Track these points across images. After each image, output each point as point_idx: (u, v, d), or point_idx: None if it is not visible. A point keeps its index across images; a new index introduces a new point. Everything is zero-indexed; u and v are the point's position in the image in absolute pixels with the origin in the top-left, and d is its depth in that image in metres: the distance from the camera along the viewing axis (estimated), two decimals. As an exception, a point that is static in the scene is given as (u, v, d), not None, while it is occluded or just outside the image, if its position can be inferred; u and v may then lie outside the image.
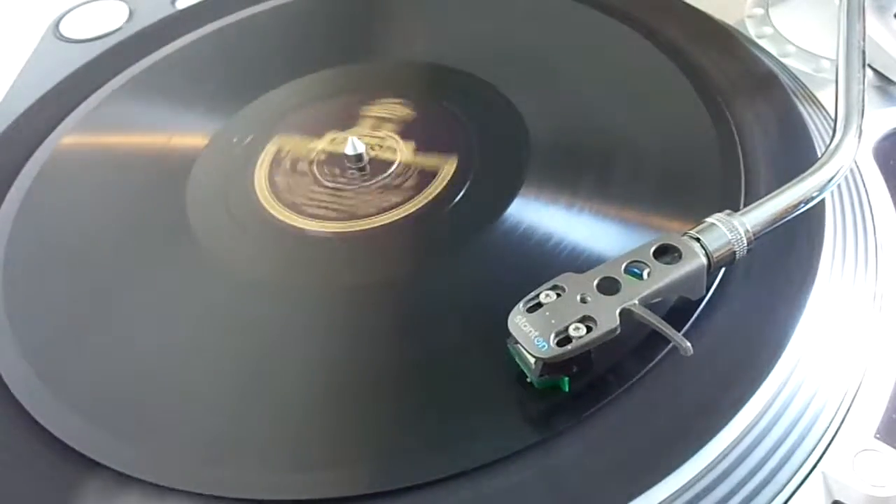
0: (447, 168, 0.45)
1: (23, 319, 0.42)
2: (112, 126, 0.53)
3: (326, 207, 0.45)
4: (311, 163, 0.47)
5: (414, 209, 0.44)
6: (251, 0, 0.60)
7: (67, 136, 0.52)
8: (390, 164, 0.46)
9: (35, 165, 0.50)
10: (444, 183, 0.44)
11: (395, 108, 0.49)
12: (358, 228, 0.43)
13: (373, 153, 0.47)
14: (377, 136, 0.48)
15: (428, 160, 0.46)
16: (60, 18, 0.65)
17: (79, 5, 0.66)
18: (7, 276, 0.44)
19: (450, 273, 0.40)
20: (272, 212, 0.45)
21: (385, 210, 0.44)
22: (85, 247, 0.45)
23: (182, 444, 0.35)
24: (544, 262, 0.39)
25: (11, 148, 0.52)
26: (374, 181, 0.45)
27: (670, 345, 0.33)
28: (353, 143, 0.46)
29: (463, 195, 0.44)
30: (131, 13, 0.64)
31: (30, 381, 0.39)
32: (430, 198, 0.44)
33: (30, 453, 0.36)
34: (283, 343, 0.39)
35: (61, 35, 0.64)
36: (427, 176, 0.45)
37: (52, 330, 0.41)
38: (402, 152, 0.47)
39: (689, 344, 0.32)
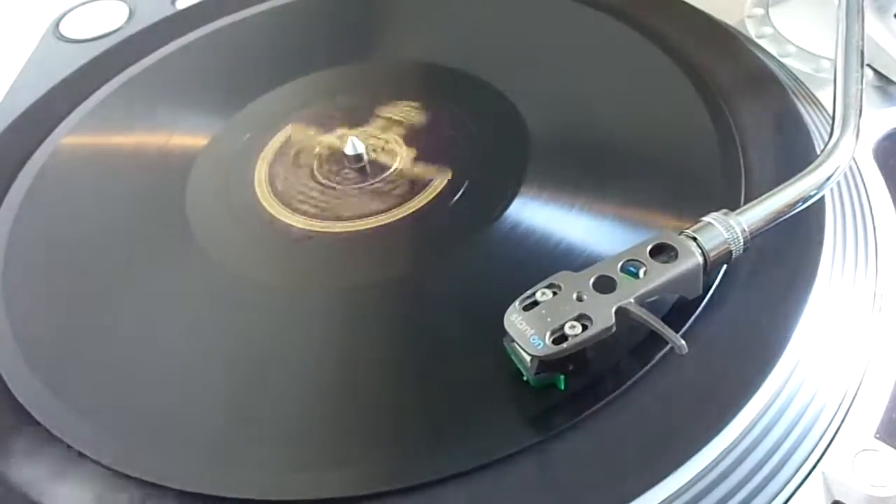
0: (447, 168, 0.45)
1: (23, 319, 0.42)
2: (112, 126, 0.53)
3: (326, 208, 0.45)
4: (310, 163, 0.47)
5: (415, 208, 0.44)
6: (251, 0, 0.60)
7: (67, 136, 0.52)
8: (390, 164, 0.46)
9: (35, 165, 0.50)
10: (445, 183, 0.44)
11: (394, 109, 0.49)
12: (358, 228, 0.43)
13: (373, 153, 0.47)
14: (377, 135, 0.48)
15: (428, 160, 0.46)
16: (60, 18, 0.65)
17: (79, 5, 0.66)
18: (7, 276, 0.44)
19: (450, 273, 0.40)
20: (272, 212, 0.45)
21: (386, 210, 0.44)
22: (85, 246, 0.45)
23: (182, 444, 0.35)
24: (544, 262, 0.39)
25: (11, 148, 0.52)
26: (374, 181, 0.45)
27: (669, 344, 0.33)
28: (353, 143, 0.46)
29: (463, 195, 0.43)
30: (131, 13, 0.64)
31: (29, 381, 0.39)
32: (431, 197, 0.44)
33: (30, 453, 0.36)
34: (282, 343, 0.39)
35: (61, 35, 0.64)
36: (427, 176, 0.45)
37: (52, 329, 0.41)
38: (403, 152, 0.47)
39: (683, 342, 0.32)
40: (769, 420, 0.34)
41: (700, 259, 0.34)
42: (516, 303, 0.33)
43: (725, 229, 0.35)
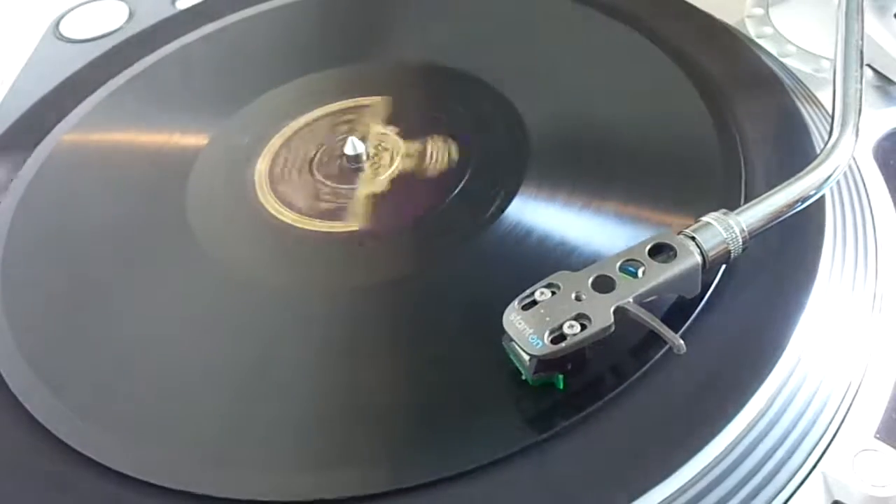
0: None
1: (22, 319, 0.42)
2: (112, 126, 0.53)
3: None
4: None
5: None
6: (251, 0, 0.60)
7: (67, 136, 0.52)
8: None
9: (35, 165, 0.50)
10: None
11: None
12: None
13: (372, 153, 0.47)
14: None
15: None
16: (60, 18, 0.65)
17: (79, 5, 0.66)
18: (7, 275, 0.44)
19: (449, 272, 0.40)
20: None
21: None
22: (85, 246, 0.45)
23: (182, 444, 0.35)
24: (544, 262, 0.39)
25: (11, 148, 0.52)
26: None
27: (667, 344, 0.33)
28: (353, 143, 0.46)
29: (462, 195, 0.43)
30: (131, 13, 0.64)
31: (29, 381, 0.39)
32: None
33: (30, 453, 0.36)
34: (282, 343, 0.39)
35: (61, 35, 0.64)
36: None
37: (52, 329, 0.41)
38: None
39: (682, 342, 0.32)
40: (769, 420, 0.34)
41: (699, 259, 0.34)
42: (515, 302, 0.33)
43: (724, 229, 0.35)
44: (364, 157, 0.46)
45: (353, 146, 0.46)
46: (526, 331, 0.32)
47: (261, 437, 0.35)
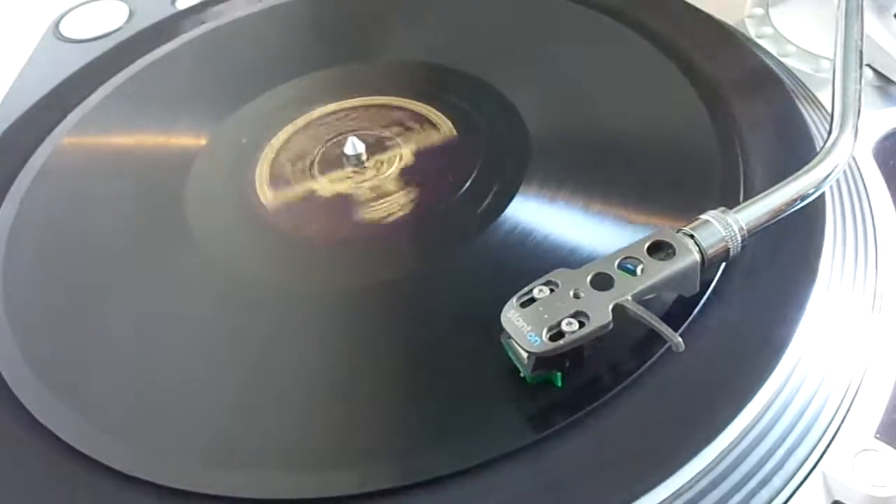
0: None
1: (23, 319, 0.42)
2: (112, 126, 0.53)
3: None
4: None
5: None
6: (251, 0, 0.60)
7: (67, 136, 0.52)
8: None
9: (35, 165, 0.50)
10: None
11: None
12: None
13: (372, 153, 0.47)
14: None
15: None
16: (60, 18, 0.65)
17: (79, 5, 0.66)
18: (7, 276, 0.44)
19: (449, 272, 0.40)
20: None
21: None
22: (85, 247, 0.45)
23: (182, 444, 0.35)
24: (543, 262, 0.39)
25: (11, 148, 0.52)
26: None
27: (668, 343, 0.33)
28: (353, 143, 0.46)
29: (462, 195, 0.43)
30: (131, 13, 0.64)
31: (30, 381, 0.39)
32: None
33: (30, 453, 0.36)
34: (281, 343, 0.39)
35: (61, 35, 0.64)
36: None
37: (53, 329, 0.41)
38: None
39: (680, 340, 0.32)
40: (769, 420, 0.34)
41: (697, 257, 0.34)
42: (513, 300, 0.33)
43: (723, 227, 0.35)
44: (364, 157, 0.46)
45: (353, 146, 0.46)
46: (524, 328, 0.32)
47: (260, 437, 0.35)
